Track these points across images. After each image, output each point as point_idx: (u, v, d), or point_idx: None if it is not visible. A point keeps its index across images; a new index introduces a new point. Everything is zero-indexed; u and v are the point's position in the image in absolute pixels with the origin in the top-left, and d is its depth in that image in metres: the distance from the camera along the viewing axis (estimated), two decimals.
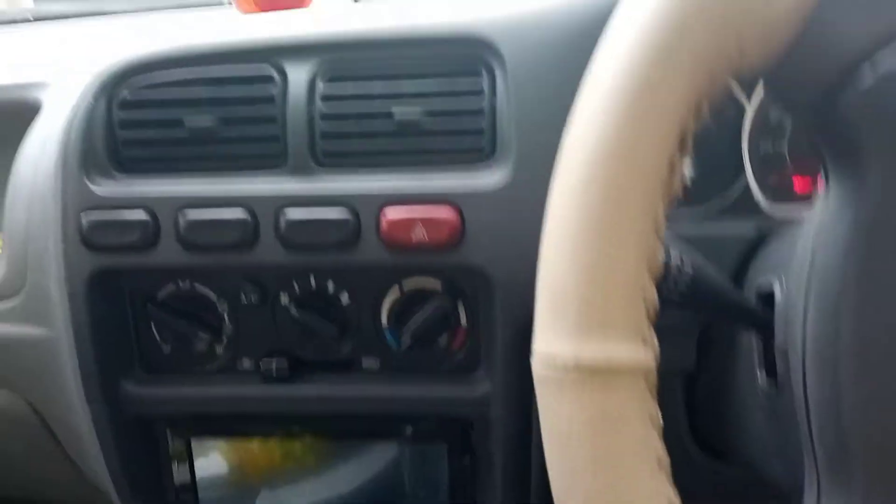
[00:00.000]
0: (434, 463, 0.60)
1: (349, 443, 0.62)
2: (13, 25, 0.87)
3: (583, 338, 0.27)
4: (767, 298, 0.43)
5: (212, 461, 0.63)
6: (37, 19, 0.87)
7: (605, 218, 0.27)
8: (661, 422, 0.29)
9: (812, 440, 0.30)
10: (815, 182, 0.57)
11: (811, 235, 0.31)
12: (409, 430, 0.59)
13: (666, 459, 0.28)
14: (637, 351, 0.27)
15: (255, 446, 0.63)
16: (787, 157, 0.57)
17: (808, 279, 0.30)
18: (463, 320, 0.57)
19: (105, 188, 0.56)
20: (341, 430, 0.61)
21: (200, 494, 0.64)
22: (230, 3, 0.76)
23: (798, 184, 0.57)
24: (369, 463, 0.62)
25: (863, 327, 0.28)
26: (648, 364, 0.28)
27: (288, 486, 0.64)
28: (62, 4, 0.88)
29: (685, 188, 0.30)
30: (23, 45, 0.83)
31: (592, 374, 0.27)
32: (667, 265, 0.38)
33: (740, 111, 0.57)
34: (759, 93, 0.57)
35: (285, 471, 0.63)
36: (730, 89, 0.29)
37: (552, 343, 0.28)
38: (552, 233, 0.29)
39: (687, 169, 0.29)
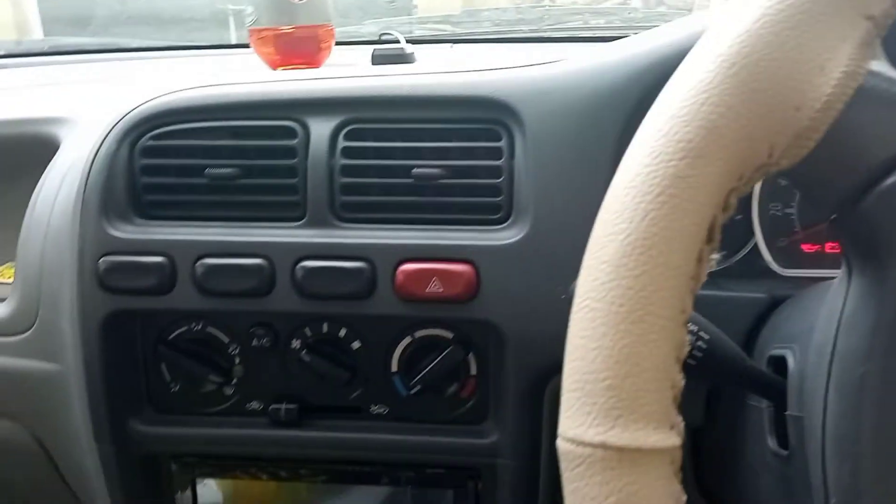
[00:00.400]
0: None
1: (353, 486, 0.62)
2: (29, 58, 0.88)
3: (612, 423, 0.28)
4: (779, 366, 0.44)
5: (214, 496, 0.63)
6: (53, 53, 0.88)
7: (636, 310, 0.28)
8: (685, 502, 0.30)
9: None
10: (823, 247, 0.59)
11: (831, 321, 0.32)
12: (414, 474, 0.60)
13: None
14: (665, 436, 0.28)
15: (259, 486, 0.63)
16: (797, 220, 0.58)
17: (829, 364, 0.31)
18: (473, 370, 0.58)
19: (124, 232, 0.57)
20: (347, 475, 0.61)
21: None
22: (248, 48, 0.78)
23: (807, 247, 0.59)
24: (377, 500, 0.63)
25: (885, 422, 0.29)
26: (675, 446, 0.29)
27: None
28: (76, 38, 0.89)
29: None
30: (40, 78, 0.84)
31: (620, 455, 0.28)
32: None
33: None
34: None
35: None
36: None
37: (581, 426, 0.29)
38: (581, 318, 0.30)
39: (713, 258, 0.30)
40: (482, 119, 0.55)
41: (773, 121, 0.27)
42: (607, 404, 0.28)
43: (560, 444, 0.30)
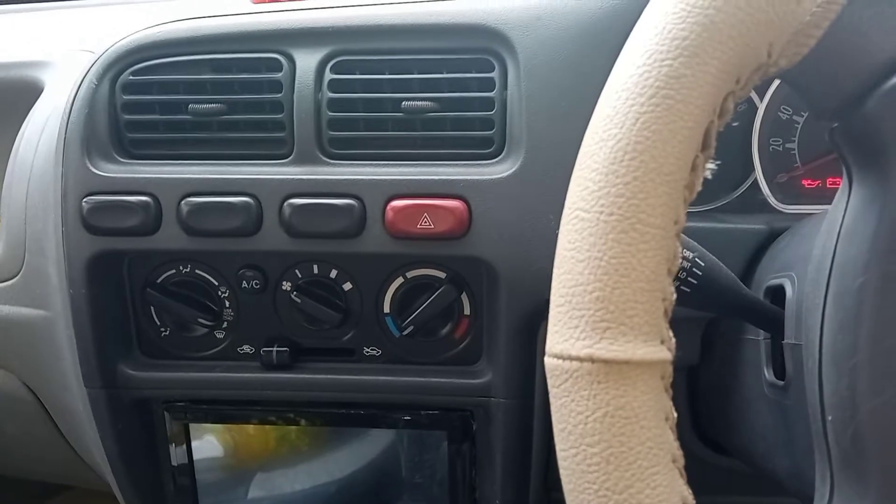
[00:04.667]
0: (433, 451, 0.61)
1: (347, 429, 0.62)
2: (12, 4, 0.86)
3: (600, 336, 0.27)
4: (777, 296, 0.43)
5: (209, 445, 0.63)
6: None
7: (626, 218, 0.27)
8: (676, 419, 0.29)
9: (826, 437, 0.30)
10: (823, 182, 0.57)
11: (831, 234, 0.30)
12: (408, 417, 0.59)
13: (680, 457, 0.28)
14: (655, 349, 0.27)
15: (252, 431, 0.63)
16: (797, 156, 0.57)
17: (828, 277, 0.30)
18: (466, 310, 0.57)
19: (107, 171, 0.55)
20: (340, 418, 0.61)
21: (197, 478, 0.64)
22: None
23: (807, 182, 0.57)
24: (367, 449, 0.62)
25: (883, 326, 0.28)
26: (665, 360, 0.28)
27: (285, 471, 0.64)
28: None
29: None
30: (23, 24, 0.82)
31: (608, 369, 0.27)
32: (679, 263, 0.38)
33: (751, 109, 0.57)
34: (770, 92, 0.57)
35: (283, 455, 0.63)
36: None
37: (568, 340, 0.28)
38: (569, 230, 0.28)
39: (708, 167, 0.29)
40: (474, 49, 0.54)
41: (773, 15, 0.26)
42: (595, 316, 0.27)
43: (547, 360, 0.29)
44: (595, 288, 0.27)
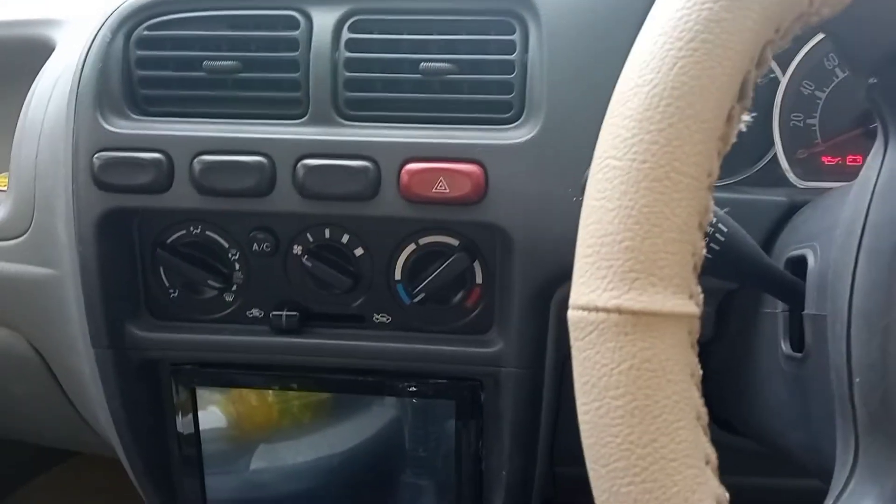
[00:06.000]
0: (439, 422, 0.60)
1: (355, 397, 0.61)
2: None
3: (629, 286, 0.26)
4: (797, 268, 0.42)
5: (214, 415, 0.63)
6: None
7: (660, 166, 0.26)
8: (701, 376, 0.28)
9: (852, 401, 0.30)
10: (844, 160, 0.57)
11: (864, 195, 0.30)
12: (416, 386, 0.59)
13: (705, 414, 0.28)
14: (684, 302, 0.27)
15: (256, 402, 0.62)
16: (818, 132, 0.56)
17: (860, 238, 0.29)
18: (479, 278, 0.56)
19: (119, 128, 0.55)
20: (348, 385, 0.60)
21: (203, 446, 0.63)
22: None
23: (827, 159, 0.56)
24: (372, 421, 0.62)
25: None
26: (693, 315, 0.27)
27: (288, 443, 0.64)
28: None
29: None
30: None
31: (636, 320, 0.26)
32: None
33: (773, 84, 0.56)
34: (792, 66, 0.56)
35: (287, 427, 0.63)
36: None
37: (595, 291, 0.27)
38: (600, 179, 0.28)
39: (744, 119, 0.28)
40: (494, 10, 0.53)
41: None
42: (624, 266, 0.26)
43: (570, 314, 0.28)
44: (625, 238, 0.26)
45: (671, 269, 0.26)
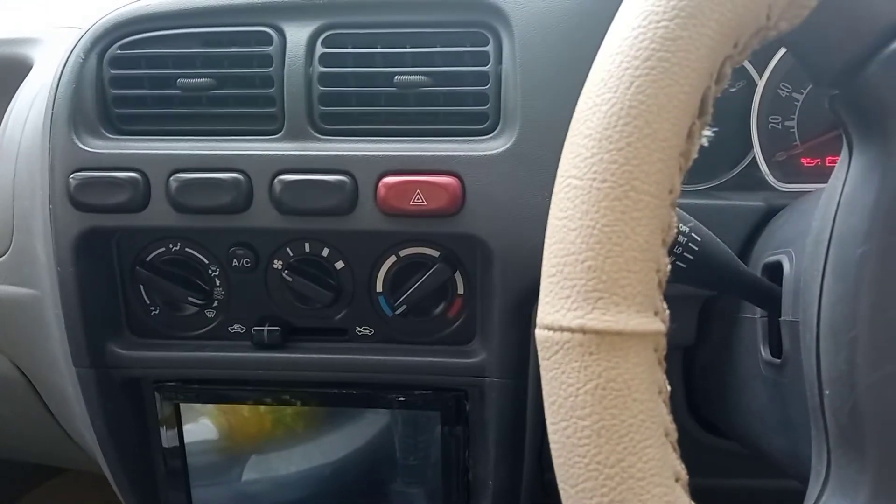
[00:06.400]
0: (427, 432, 0.60)
1: (340, 410, 0.61)
2: None
3: (592, 306, 0.26)
4: (774, 273, 0.42)
5: (201, 427, 0.63)
6: None
7: (620, 185, 0.26)
8: (669, 392, 0.28)
9: (823, 413, 0.30)
10: (823, 161, 0.57)
11: (831, 204, 0.30)
12: (402, 397, 0.59)
13: (674, 431, 0.27)
14: (649, 320, 0.27)
15: (244, 413, 0.62)
16: (797, 134, 0.56)
17: (827, 248, 0.29)
18: (460, 289, 0.56)
19: (94, 147, 0.54)
20: (333, 398, 0.60)
21: (189, 460, 0.63)
22: None
23: (806, 161, 0.56)
24: (361, 431, 0.62)
25: (884, 297, 0.27)
26: (658, 332, 0.27)
27: (277, 453, 0.64)
28: None
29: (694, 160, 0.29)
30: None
31: (600, 340, 0.26)
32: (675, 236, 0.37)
33: (750, 86, 0.56)
34: (769, 69, 0.56)
35: (275, 438, 0.63)
36: (749, 55, 0.28)
37: (559, 311, 0.27)
38: (561, 198, 0.28)
39: (705, 134, 0.28)
40: (468, 22, 0.52)
41: None
42: (587, 286, 0.26)
43: (537, 332, 0.28)
44: (587, 257, 0.26)
45: (634, 288, 0.26)
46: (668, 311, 0.28)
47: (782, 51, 0.56)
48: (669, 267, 0.28)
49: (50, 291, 0.58)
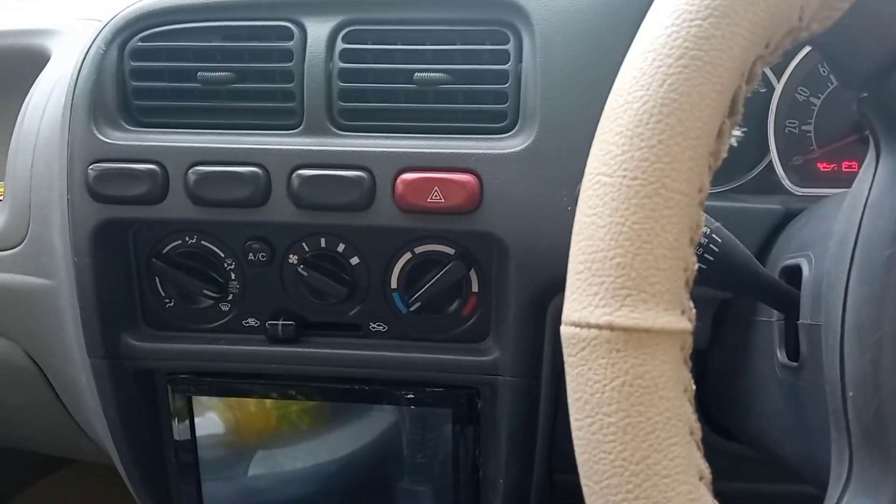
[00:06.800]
0: (436, 430, 0.60)
1: (348, 406, 0.61)
2: None
3: (620, 303, 0.26)
4: (792, 276, 0.42)
5: (212, 422, 0.63)
6: None
7: (650, 182, 0.26)
8: (694, 391, 0.28)
9: (846, 415, 0.30)
10: (839, 166, 0.57)
11: (856, 207, 0.30)
12: (413, 394, 0.59)
13: (698, 430, 0.28)
14: (676, 318, 0.27)
15: (254, 408, 0.62)
16: (813, 139, 0.56)
17: (853, 250, 0.29)
18: (475, 286, 0.56)
19: (113, 139, 0.54)
20: (345, 394, 0.60)
21: (200, 453, 0.63)
22: None
23: (823, 165, 0.56)
24: (369, 428, 0.62)
25: None
26: (685, 331, 0.27)
27: (286, 449, 0.64)
28: None
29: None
30: None
31: (628, 337, 0.26)
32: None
33: (768, 90, 0.56)
34: (787, 73, 0.56)
35: (284, 433, 0.63)
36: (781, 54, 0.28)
37: (586, 307, 0.27)
38: (591, 195, 0.28)
39: (734, 134, 0.28)
40: (489, 20, 0.53)
41: None
42: (616, 283, 0.26)
43: (563, 329, 0.28)
44: (616, 254, 0.26)
45: (662, 286, 0.26)
46: (694, 311, 0.28)
47: (800, 55, 0.56)
48: (696, 266, 0.28)
49: (66, 282, 0.58)
